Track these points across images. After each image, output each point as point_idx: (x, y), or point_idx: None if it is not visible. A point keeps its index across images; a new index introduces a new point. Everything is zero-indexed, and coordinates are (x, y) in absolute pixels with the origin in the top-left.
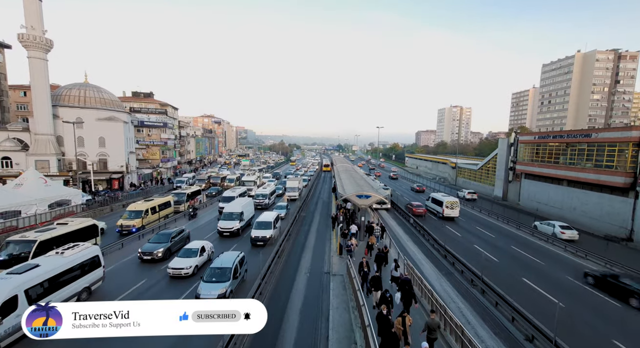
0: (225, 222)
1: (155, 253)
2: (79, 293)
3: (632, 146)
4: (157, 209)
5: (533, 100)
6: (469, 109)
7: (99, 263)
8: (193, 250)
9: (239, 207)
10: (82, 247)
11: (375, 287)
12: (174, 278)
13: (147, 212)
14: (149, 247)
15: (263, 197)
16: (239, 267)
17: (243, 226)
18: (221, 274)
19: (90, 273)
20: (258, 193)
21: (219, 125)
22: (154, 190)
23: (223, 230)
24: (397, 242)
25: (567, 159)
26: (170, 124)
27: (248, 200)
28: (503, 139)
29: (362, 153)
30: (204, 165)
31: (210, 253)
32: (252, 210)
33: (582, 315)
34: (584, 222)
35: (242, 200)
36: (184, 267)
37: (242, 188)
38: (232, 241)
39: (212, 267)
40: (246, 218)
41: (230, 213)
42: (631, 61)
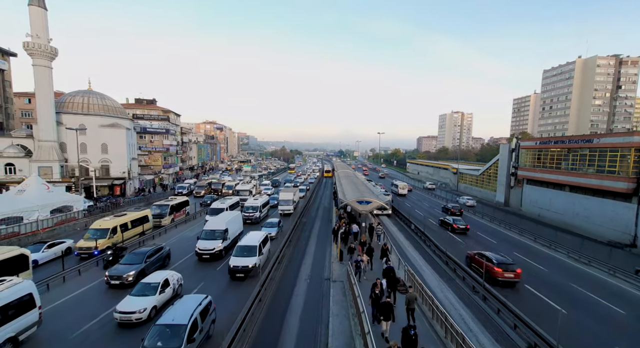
0: (205, 242)
1: (125, 277)
2: None
3: (635, 151)
4: (130, 226)
5: (534, 105)
6: (470, 115)
7: (34, 303)
8: (152, 285)
9: (222, 223)
10: (7, 284)
11: (385, 316)
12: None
13: (116, 230)
14: (119, 270)
15: (253, 210)
16: (199, 321)
17: (227, 246)
18: (172, 335)
19: (20, 317)
20: (248, 205)
21: (221, 131)
22: (155, 197)
23: (202, 252)
24: (398, 248)
25: (569, 165)
26: (173, 130)
27: (235, 215)
28: (504, 145)
29: (363, 159)
30: (206, 171)
31: (177, 287)
32: (239, 226)
33: (585, 322)
34: (587, 228)
35: (228, 214)
36: (136, 311)
37: (233, 199)
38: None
39: (159, 323)
40: (232, 236)
41: (212, 231)
42: (632, 66)
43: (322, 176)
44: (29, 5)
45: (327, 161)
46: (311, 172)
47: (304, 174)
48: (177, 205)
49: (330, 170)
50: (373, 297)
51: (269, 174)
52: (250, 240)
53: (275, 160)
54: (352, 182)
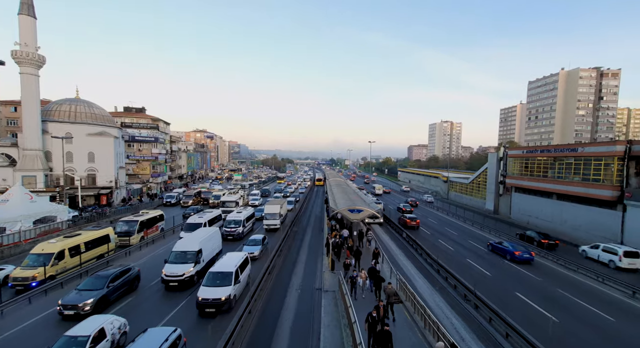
0: (174, 266)
1: (82, 306)
2: None
3: (618, 160)
4: (84, 248)
5: (521, 115)
6: (459, 124)
7: None
8: (79, 341)
9: (195, 243)
10: None
11: None
12: None
13: (63, 254)
14: (73, 298)
15: (236, 225)
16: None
17: (202, 269)
18: None
19: None
20: (230, 219)
21: (211, 139)
22: (143, 206)
23: (169, 278)
24: (390, 256)
25: (556, 173)
26: (162, 139)
27: (212, 232)
28: (493, 154)
29: (354, 167)
30: (195, 180)
31: (117, 338)
32: (217, 245)
33: (575, 329)
34: (575, 235)
35: (203, 232)
36: None
37: (213, 212)
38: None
39: None
40: (207, 258)
41: (182, 253)
42: (613, 78)
43: (313, 184)
44: (19, 14)
45: (319, 170)
46: (302, 181)
47: (294, 183)
48: (149, 220)
49: (322, 179)
50: (370, 322)
51: (259, 182)
52: (224, 265)
53: (266, 168)
54: (343, 191)
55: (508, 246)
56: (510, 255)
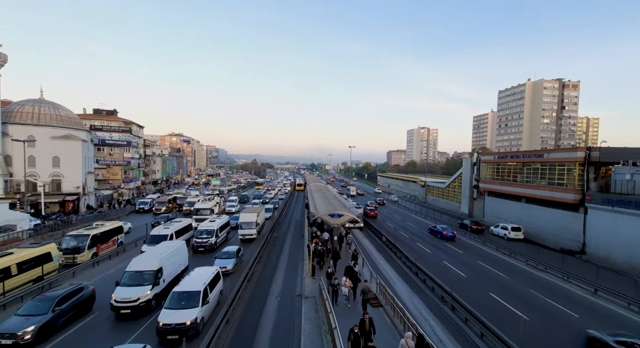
0: (126, 290)
1: (21, 335)
2: None
3: (579, 165)
4: (15, 271)
5: (492, 122)
6: (436, 130)
7: None
8: None
9: (154, 260)
10: None
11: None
12: None
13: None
14: (11, 325)
15: (208, 235)
16: None
17: (161, 292)
18: None
19: None
20: (201, 229)
21: (188, 144)
22: (114, 213)
23: (120, 304)
24: (370, 261)
25: (524, 178)
26: (135, 143)
27: (177, 246)
28: (467, 159)
29: (335, 172)
30: (170, 186)
31: None
32: (182, 261)
33: (545, 326)
34: (543, 237)
35: (166, 246)
36: None
37: (183, 222)
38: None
39: None
40: (169, 277)
41: (137, 273)
42: (573, 89)
43: (294, 190)
44: None
45: (299, 175)
46: (282, 187)
47: (273, 189)
48: (103, 234)
49: (302, 184)
50: (352, 339)
51: (238, 188)
52: (191, 283)
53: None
54: (324, 196)
55: (439, 228)
56: (440, 235)
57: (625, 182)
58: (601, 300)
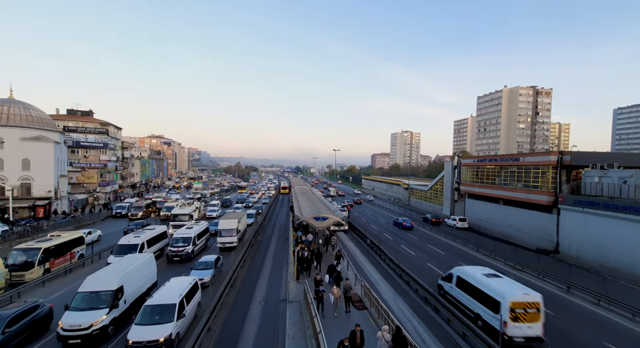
0: (76, 315)
1: None
2: None
3: (552, 169)
4: None
5: (472, 127)
6: (418, 134)
7: None
8: None
9: (113, 278)
10: None
11: None
12: None
13: None
14: None
15: (184, 243)
16: None
17: (120, 315)
18: None
19: None
20: (177, 236)
21: (168, 146)
22: (88, 219)
23: (67, 333)
24: (355, 263)
25: (502, 180)
26: (112, 145)
27: (143, 260)
28: (448, 162)
29: (320, 175)
30: (149, 189)
31: None
32: (150, 277)
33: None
34: (519, 237)
35: (130, 261)
36: None
37: (156, 229)
38: None
39: None
40: (132, 297)
41: (92, 295)
42: (546, 96)
43: (278, 193)
44: None
45: (284, 178)
46: (266, 190)
47: (257, 193)
48: (59, 246)
49: (287, 187)
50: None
51: (221, 191)
52: (166, 295)
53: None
54: (308, 199)
55: (400, 220)
56: (400, 226)
57: (594, 184)
58: (573, 297)
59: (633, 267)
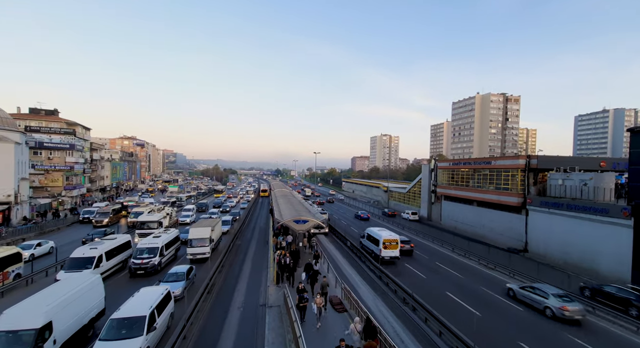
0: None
1: None
2: None
3: (521, 172)
4: None
5: (447, 131)
6: (397, 137)
7: None
8: None
9: (38, 313)
10: None
11: None
12: None
13: None
14: None
15: (149, 254)
16: None
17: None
18: None
19: None
20: (141, 246)
21: (142, 147)
22: (52, 224)
23: None
24: (336, 266)
25: (476, 183)
26: (80, 146)
27: (86, 283)
28: (425, 165)
29: (300, 178)
30: (120, 193)
31: None
32: (93, 304)
33: (494, 321)
34: (492, 237)
35: (67, 285)
36: None
37: (117, 239)
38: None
39: None
40: (69, 332)
41: (7, 336)
42: (515, 103)
43: (258, 196)
44: None
45: (264, 181)
46: (245, 194)
47: (235, 197)
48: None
49: (267, 190)
50: None
51: (198, 194)
52: (135, 307)
53: (207, 180)
54: (289, 201)
55: (359, 213)
56: (359, 217)
57: (558, 186)
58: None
59: (594, 264)
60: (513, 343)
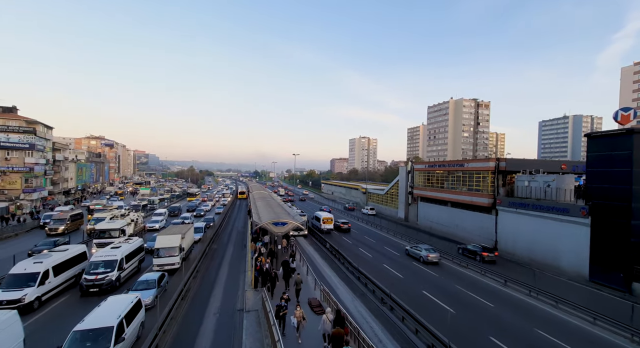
0: None
1: None
2: None
3: (491, 174)
4: None
5: (423, 134)
6: (375, 140)
7: None
8: None
9: None
10: None
11: None
12: None
13: None
14: None
15: (106, 269)
16: None
17: None
18: None
19: None
20: (95, 259)
21: (110, 148)
22: (10, 230)
23: None
24: (315, 269)
25: (450, 184)
26: (41, 146)
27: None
28: (402, 167)
29: (279, 180)
30: (85, 196)
31: None
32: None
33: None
34: (465, 237)
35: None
36: None
37: (67, 251)
38: None
39: None
40: None
41: None
42: (485, 108)
43: (235, 198)
44: None
45: (242, 183)
46: (221, 197)
47: (211, 200)
48: None
49: (245, 192)
50: None
51: (172, 197)
52: (101, 318)
53: (181, 181)
54: (267, 204)
55: (322, 207)
56: (322, 210)
57: (524, 187)
58: (510, 289)
59: (556, 260)
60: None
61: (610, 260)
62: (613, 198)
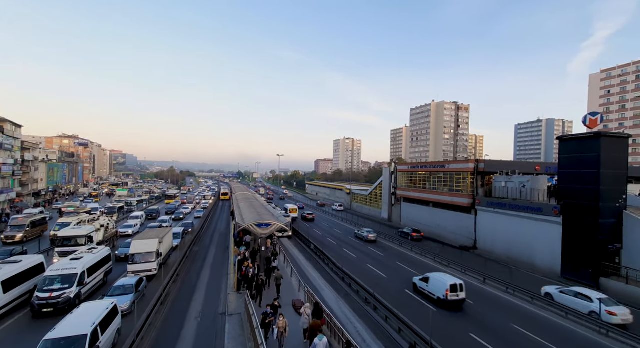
0: None
1: None
2: None
3: (470, 175)
4: None
5: (406, 136)
6: (359, 141)
7: None
8: None
9: None
10: None
11: None
12: None
13: None
14: None
15: (63, 285)
16: None
17: None
18: None
19: None
20: (50, 274)
21: (85, 147)
22: None
23: None
24: (300, 270)
25: (431, 185)
26: (8, 145)
27: None
28: (386, 168)
29: (263, 180)
30: (57, 198)
31: None
32: None
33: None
34: (447, 236)
35: None
36: None
37: (20, 264)
38: None
39: None
40: None
41: None
42: (465, 111)
43: (218, 199)
44: None
45: (225, 184)
46: (202, 199)
47: (190, 203)
48: None
49: (228, 193)
50: None
51: (151, 198)
52: (74, 325)
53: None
54: (251, 205)
55: (297, 203)
56: (297, 207)
57: (501, 188)
58: (488, 287)
59: (531, 258)
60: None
61: (580, 257)
62: (582, 198)
